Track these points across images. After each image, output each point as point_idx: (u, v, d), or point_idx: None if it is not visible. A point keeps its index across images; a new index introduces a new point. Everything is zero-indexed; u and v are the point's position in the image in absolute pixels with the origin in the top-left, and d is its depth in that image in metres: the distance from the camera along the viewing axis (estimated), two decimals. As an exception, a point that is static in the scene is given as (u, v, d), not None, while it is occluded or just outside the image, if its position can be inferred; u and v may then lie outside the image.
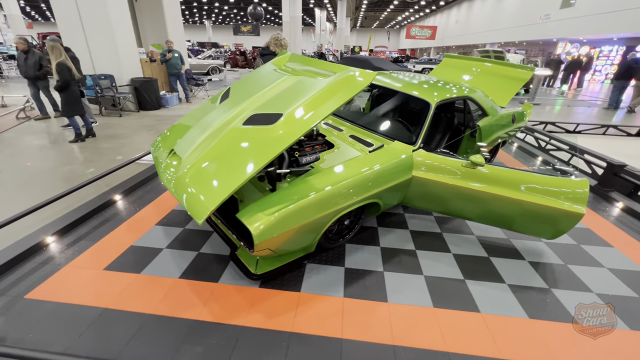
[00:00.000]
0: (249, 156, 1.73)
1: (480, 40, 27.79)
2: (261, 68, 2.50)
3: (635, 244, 2.45)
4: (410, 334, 1.61)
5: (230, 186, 1.60)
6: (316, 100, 1.86)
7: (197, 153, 1.88)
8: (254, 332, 1.59)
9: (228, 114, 2.03)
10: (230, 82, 12.96)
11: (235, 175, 1.65)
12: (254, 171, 1.62)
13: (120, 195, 2.86)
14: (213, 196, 1.60)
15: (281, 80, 2.16)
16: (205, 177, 1.75)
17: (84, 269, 1.98)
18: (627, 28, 14.70)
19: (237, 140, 1.85)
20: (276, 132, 1.78)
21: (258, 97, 2.07)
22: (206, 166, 1.79)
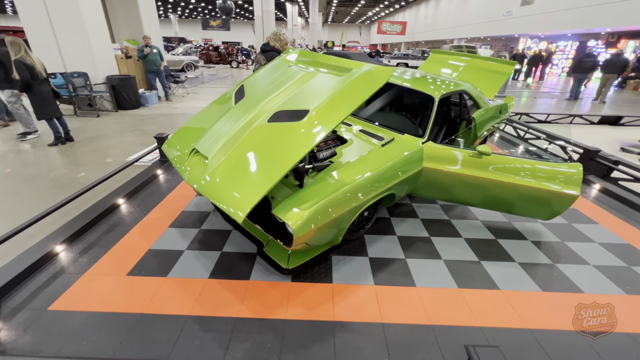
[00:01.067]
0: (282, 152, 1.75)
1: (448, 35, 28.88)
2: (274, 64, 2.49)
3: (616, 220, 2.75)
4: (443, 314, 1.73)
5: (269, 182, 1.62)
6: (340, 95, 1.91)
7: (225, 151, 1.86)
8: (298, 325, 1.63)
9: (250, 111, 2.02)
10: (208, 79, 12.63)
11: (272, 170, 1.67)
12: (291, 166, 1.65)
13: (123, 199, 2.74)
14: (252, 192, 1.61)
15: (299, 77, 2.18)
16: (239, 175, 1.74)
17: (105, 275, 1.91)
18: (579, 25, 15.94)
19: (265, 137, 1.86)
20: (306, 128, 1.81)
21: (278, 94, 2.08)
22: (237, 164, 1.79)
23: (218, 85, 10.89)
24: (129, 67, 6.97)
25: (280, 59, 2.53)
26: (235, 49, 17.96)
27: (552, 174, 2.26)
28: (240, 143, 1.87)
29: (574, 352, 1.53)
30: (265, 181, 1.64)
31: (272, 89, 2.15)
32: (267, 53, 3.14)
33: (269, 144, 1.83)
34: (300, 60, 2.47)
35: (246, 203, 1.58)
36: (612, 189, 3.23)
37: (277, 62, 2.51)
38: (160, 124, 5.61)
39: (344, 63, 2.30)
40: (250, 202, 1.58)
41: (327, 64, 2.33)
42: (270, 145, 1.83)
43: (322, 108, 1.88)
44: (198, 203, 2.77)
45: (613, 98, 11.14)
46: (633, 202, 2.99)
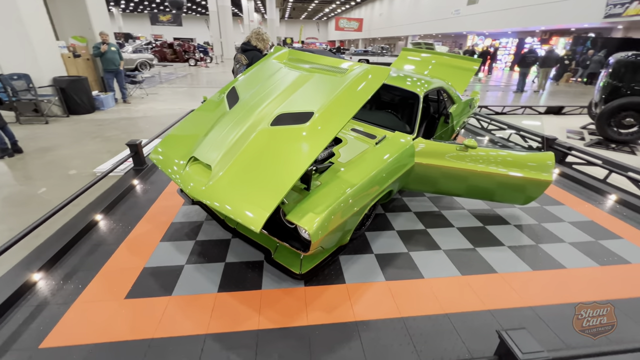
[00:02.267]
0: (292, 156, 1.71)
1: (403, 32, 30.11)
2: (265, 65, 2.41)
3: (577, 200, 3.10)
4: (454, 302, 1.82)
5: (283, 188, 1.57)
6: (343, 96, 1.91)
7: (229, 158, 1.77)
8: (322, 329, 1.62)
9: (249, 115, 1.94)
10: (166, 79, 11.83)
11: (284, 176, 1.63)
12: (303, 170, 1.62)
13: (100, 215, 2.49)
14: (266, 200, 1.56)
15: (296, 78, 2.13)
16: (248, 182, 1.68)
17: (100, 302, 1.73)
18: (517, 23, 17.54)
19: (270, 142, 1.80)
20: (312, 130, 1.79)
21: (277, 96, 2.02)
22: (244, 170, 1.72)
23: (178, 84, 10.26)
24: (78, 67, 6.27)
25: (270, 59, 2.46)
26: (192, 46, 17.01)
27: (529, 162, 2.48)
28: (244, 149, 1.79)
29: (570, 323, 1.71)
30: (279, 187, 1.59)
31: (269, 91, 2.08)
32: (248, 52, 3.03)
33: (275, 149, 1.78)
34: (292, 60, 2.42)
35: (261, 211, 1.53)
36: (569, 173, 3.63)
37: (268, 62, 2.43)
38: (123, 129, 5.16)
39: (337, 63, 2.30)
40: (266, 211, 1.52)
41: (320, 64, 2.31)
42: (276, 149, 1.78)
43: (326, 110, 1.86)
44: (187, 213, 2.62)
45: (550, 89, 12.44)
46: (588, 183, 3.39)
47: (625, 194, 3.14)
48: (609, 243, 2.44)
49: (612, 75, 4.80)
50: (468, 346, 1.56)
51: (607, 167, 3.41)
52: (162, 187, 3.03)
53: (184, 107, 6.77)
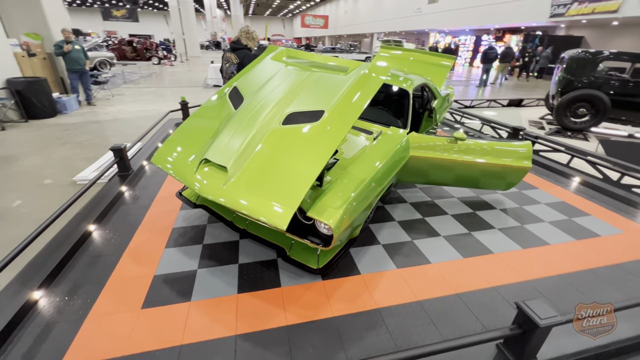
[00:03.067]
0: (307, 153, 1.76)
1: (368, 30, 30.76)
2: (265, 64, 2.40)
3: (548, 184, 3.44)
4: (462, 282, 1.98)
5: (304, 185, 1.61)
6: (350, 94, 1.98)
7: (244, 158, 1.77)
8: (348, 319, 1.69)
9: (259, 115, 1.94)
10: (129, 78, 11.12)
11: (303, 174, 1.66)
12: (321, 167, 1.67)
13: (93, 225, 2.35)
14: (289, 198, 1.59)
15: (301, 77, 2.16)
16: (267, 181, 1.69)
17: (115, 314, 1.66)
18: (474, 22, 18.66)
19: (284, 141, 1.83)
20: (324, 128, 1.84)
21: (285, 96, 2.04)
22: (261, 170, 1.73)
23: (144, 84, 9.70)
24: (34, 67, 5.70)
25: (268, 58, 2.46)
26: (154, 44, 16.09)
27: (510, 151, 2.72)
28: (259, 149, 1.80)
29: (562, 292, 1.94)
30: (300, 185, 1.63)
31: (275, 90, 2.09)
32: (238, 51, 2.97)
33: (289, 147, 1.81)
34: (292, 59, 2.44)
35: (286, 210, 1.56)
36: (537, 159, 4.00)
37: (267, 61, 2.43)
38: (95, 133, 4.82)
39: (337, 62, 2.37)
40: (291, 209, 1.56)
41: (321, 63, 2.36)
42: (291, 148, 1.81)
43: (335, 107, 1.92)
44: (187, 218, 2.55)
45: (506, 83, 13.43)
46: (554, 167, 3.76)
47: (586, 176, 3.54)
48: (580, 220, 2.75)
49: (566, 70, 5.34)
50: (481, 321, 1.71)
51: (570, 153, 3.81)
52: (154, 193, 2.91)
53: (157, 108, 6.45)
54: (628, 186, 3.27)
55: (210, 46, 34.39)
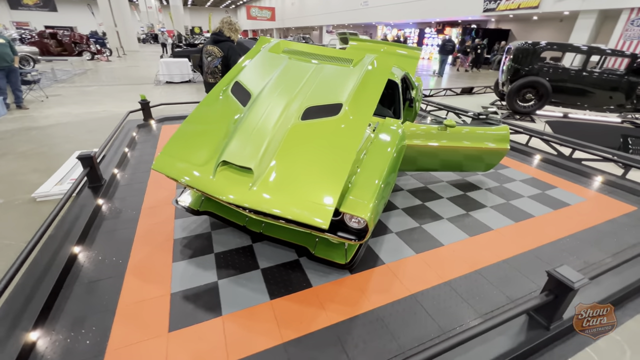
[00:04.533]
0: (335, 147, 1.72)
1: (316, 22, 30.73)
2: (266, 57, 2.25)
3: (516, 162, 3.82)
4: (476, 260, 2.12)
5: (339, 181, 1.58)
6: (363, 85, 1.97)
7: (268, 158, 1.67)
8: (388, 309, 1.71)
9: (273, 111, 1.84)
10: (63, 77, 9.67)
11: (335, 169, 1.63)
12: (352, 160, 1.65)
13: (77, 247, 2.04)
14: (326, 195, 1.54)
15: (308, 70, 2.08)
16: (297, 180, 1.62)
17: (140, 343, 1.47)
18: (417, 15, 19.74)
19: (306, 136, 1.76)
20: (346, 121, 1.81)
21: (297, 90, 1.95)
22: (288, 169, 1.65)
23: (82, 83, 8.54)
24: (-59, 66, 4.66)
25: (266, 50, 2.32)
26: (84, 37, 14.14)
27: (490, 135, 2.96)
28: (282, 147, 1.71)
29: (558, 257, 2.18)
30: (335, 181, 1.59)
31: (285, 85, 1.99)
32: (222, 44, 2.74)
33: (314, 143, 1.75)
34: (290, 52, 2.34)
35: (325, 208, 1.51)
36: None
37: (267, 53, 2.29)
38: (39, 141, 4.13)
39: (339, 54, 2.33)
40: (331, 206, 1.51)
41: (323, 55, 2.30)
42: (315, 143, 1.75)
43: (352, 100, 1.90)
44: (186, 227, 2.34)
45: (451, 73, 14.50)
46: (517, 148, 4.19)
47: (544, 153, 4.00)
48: (551, 192, 3.11)
49: (513, 60, 5.94)
50: (504, 292, 1.85)
51: (528, 133, 4.27)
52: (138, 204, 2.61)
53: (109, 109, 5.74)
54: (579, 160, 3.78)
55: (148, 39, 31.50)
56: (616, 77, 5.48)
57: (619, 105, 5.65)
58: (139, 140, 4.13)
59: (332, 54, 2.32)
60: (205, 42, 2.87)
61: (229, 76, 2.20)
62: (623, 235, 2.46)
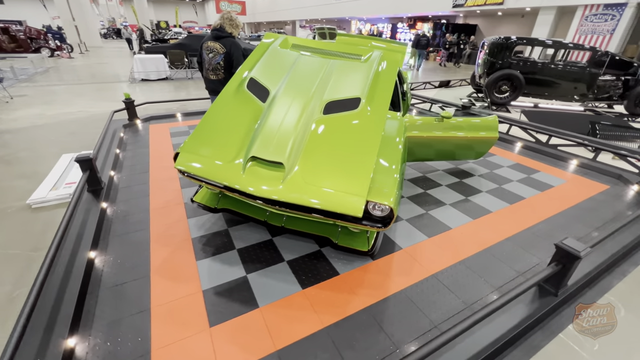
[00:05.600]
0: (359, 139, 1.80)
1: (289, 17, 30.37)
2: (277, 53, 2.26)
3: (501, 150, 4.10)
4: (483, 239, 2.30)
5: (368, 170, 1.67)
6: (376, 79, 2.06)
7: (296, 152, 1.71)
8: (413, 289, 1.83)
9: (297, 106, 1.88)
10: (23, 75, 8.89)
11: (362, 159, 1.72)
12: (377, 150, 1.74)
13: (92, 252, 1.98)
14: (357, 186, 1.63)
15: (322, 66, 2.14)
16: (327, 173, 1.69)
17: (184, 340, 1.49)
18: (389, 10, 20.13)
19: (330, 130, 1.83)
20: (365, 114, 1.90)
21: (317, 85, 2.00)
22: (317, 162, 1.71)
23: (46, 82, 7.93)
24: None
25: (276, 46, 2.33)
26: (41, 32, 13.05)
27: (481, 125, 3.17)
28: (308, 141, 1.77)
29: (553, 233, 2.41)
30: (363, 171, 1.68)
31: (302, 80, 2.03)
32: (224, 40, 2.69)
33: (338, 136, 1.82)
34: (299, 48, 2.37)
35: (358, 198, 1.60)
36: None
37: (278, 49, 2.30)
38: (16, 145, 3.83)
39: (347, 49, 2.40)
40: (362, 196, 1.60)
41: (333, 50, 2.36)
42: (340, 136, 1.82)
43: (369, 93, 1.99)
44: (201, 225, 2.33)
45: (425, 67, 15.00)
46: (500, 137, 4.47)
47: (523, 140, 4.32)
48: (536, 176, 3.40)
49: (489, 54, 6.30)
50: (512, 267, 2.04)
51: (509, 122, 4.58)
52: (144, 205, 2.55)
53: (86, 109, 5.42)
54: (555, 145, 4.12)
55: (110, 34, 29.66)
56: (580, 69, 5.99)
57: (582, 94, 6.18)
58: (127, 140, 3.98)
59: (340, 49, 2.39)
60: (205, 38, 2.81)
61: (241, 72, 2.20)
62: (601, 211, 2.75)
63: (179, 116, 5.06)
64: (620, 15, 10.83)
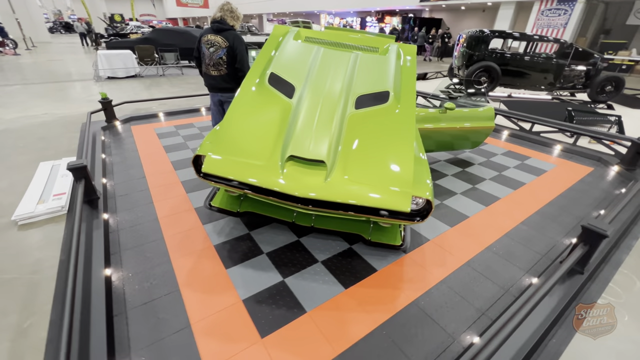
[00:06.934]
0: (394, 133, 1.78)
1: (255, 10, 29.50)
2: (294, 47, 2.15)
3: (492, 139, 4.29)
4: (501, 225, 2.38)
5: (409, 163, 1.65)
6: (398, 72, 2.05)
7: (335, 149, 1.65)
8: (452, 279, 1.85)
9: (327, 101, 1.81)
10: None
11: (401, 153, 1.70)
12: (412, 144, 1.73)
13: (108, 269, 1.79)
14: (401, 180, 1.60)
15: (344, 59, 2.08)
16: (369, 168, 1.65)
17: (237, 354, 1.39)
18: (357, 4, 20.25)
19: (365, 124, 1.79)
20: (396, 107, 1.87)
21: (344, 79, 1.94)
22: (359, 158, 1.66)
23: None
24: None
25: (290, 39, 2.22)
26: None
27: (479, 115, 3.29)
28: (345, 137, 1.71)
29: (559, 215, 2.56)
30: (405, 166, 1.66)
31: (328, 74, 1.96)
32: (226, 33, 2.50)
33: (374, 130, 1.78)
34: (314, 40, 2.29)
35: (404, 193, 1.58)
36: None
37: (293, 42, 2.20)
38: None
39: (363, 42, 2.36)
40: (407, 190, 1.58)
41: (348, 43, 2.30)
42: (375, 131, 1.78)
43: (395, 87, 1.96)
44: (221, 231, 2.19)
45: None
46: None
47: (509, 129, 4.56)
48: (528, 162, 3.59)
49: (467, 46, 6.55)
50: (532, 248, 2.14)
51: (496, 112, 4.79)
52: (151, 214, 2.35)
53: (50, 111, 4.88)
54: (537, 132, 4.39)
55: (58, 28, 27.09)
56: (548, 60, 6.42)
57: (550, 84, 6.64)
58: (110, 144, 3.65)
59: (353, 41, 2.34)
60: (202, 31, 2.61)
61: (258, 68, 2.07)
62: (593, 191, 2.98)
63: (161, 116, 4.73)
64: (572, 10, 11.75)
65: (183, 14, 40.25)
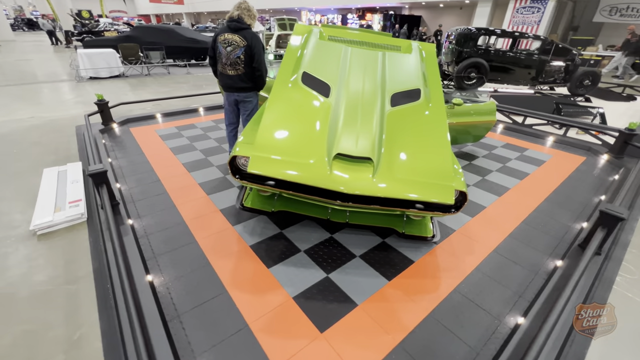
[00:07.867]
0: (430, 129, 1.85)
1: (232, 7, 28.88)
2: (323, 46, 2.16)
3: (491, 133, 4.48)
4: (516, 214, 2.53)
5: (448, 157, 1.74)
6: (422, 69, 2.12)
7: (378, 146, 1.70)
8: (484, 266, 1.96)
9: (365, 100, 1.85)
10: None
11: (439, 148, 1.77)
12: (448, 138, 1.81)
13: (149, 276, 1.76)
14: (444, 175, 1.68)
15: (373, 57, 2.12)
16: (413, 163, 1.71)
17: (302, 351, 1.42)
18: (338, 1, 20.33)
19: (403, 121, 1.85)
20: (427, 104, 1.95)
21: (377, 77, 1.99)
22: (400, 154, 1.72)
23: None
24: None
25: (316, 38, 2.23)
26: None
27: (482, 110, 3.45)
28: (387, 134, 1.76)
29: (566, 201, 2.74)
30: (446, 160, 1.73)
31: (361, 73, 2.00)
32: (244, 32, 2.46)
33: (411, 127, 1.84)
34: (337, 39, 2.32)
35: (448, 186, 1.66)
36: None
37: (320, 42, 2.21)
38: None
39: (384, 40, 2.41)
40: (451, 184, 1.66)
41: (373, 42, 2.35)
42: (413, 127, 1.85)
43: (424, 84, 2.03)
44: (253, 232, 2.20)
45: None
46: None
47: (503, 122, 4.78)
48: (527, 153, 3.80)
49: (457, 43, 6.76)
50: (549, 233, 2.29)
51: (488, 107, 5.01)
52: (176, 218, 2.31)
53: (37, 114, 4.59)
54: (530, 125, 4.63)
55: (20, 26, 25.39)
56: (531, 56, 6.76)
57: (532, 79, 7.00)
58: (113, 147, 3.52)
59: (378, 40, 2.39)
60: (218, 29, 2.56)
61: (287, 67, 2.08)
62: (589, 178, 3.20)
63: (159, 117, 4.59)
64: (544, 8, 12.37)
65: (156, 11, 38.78)
